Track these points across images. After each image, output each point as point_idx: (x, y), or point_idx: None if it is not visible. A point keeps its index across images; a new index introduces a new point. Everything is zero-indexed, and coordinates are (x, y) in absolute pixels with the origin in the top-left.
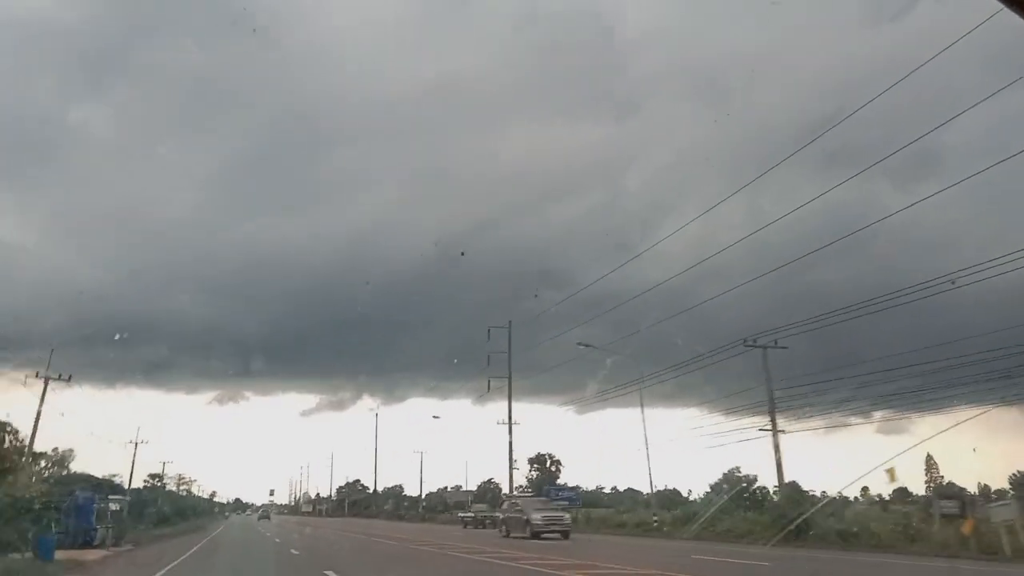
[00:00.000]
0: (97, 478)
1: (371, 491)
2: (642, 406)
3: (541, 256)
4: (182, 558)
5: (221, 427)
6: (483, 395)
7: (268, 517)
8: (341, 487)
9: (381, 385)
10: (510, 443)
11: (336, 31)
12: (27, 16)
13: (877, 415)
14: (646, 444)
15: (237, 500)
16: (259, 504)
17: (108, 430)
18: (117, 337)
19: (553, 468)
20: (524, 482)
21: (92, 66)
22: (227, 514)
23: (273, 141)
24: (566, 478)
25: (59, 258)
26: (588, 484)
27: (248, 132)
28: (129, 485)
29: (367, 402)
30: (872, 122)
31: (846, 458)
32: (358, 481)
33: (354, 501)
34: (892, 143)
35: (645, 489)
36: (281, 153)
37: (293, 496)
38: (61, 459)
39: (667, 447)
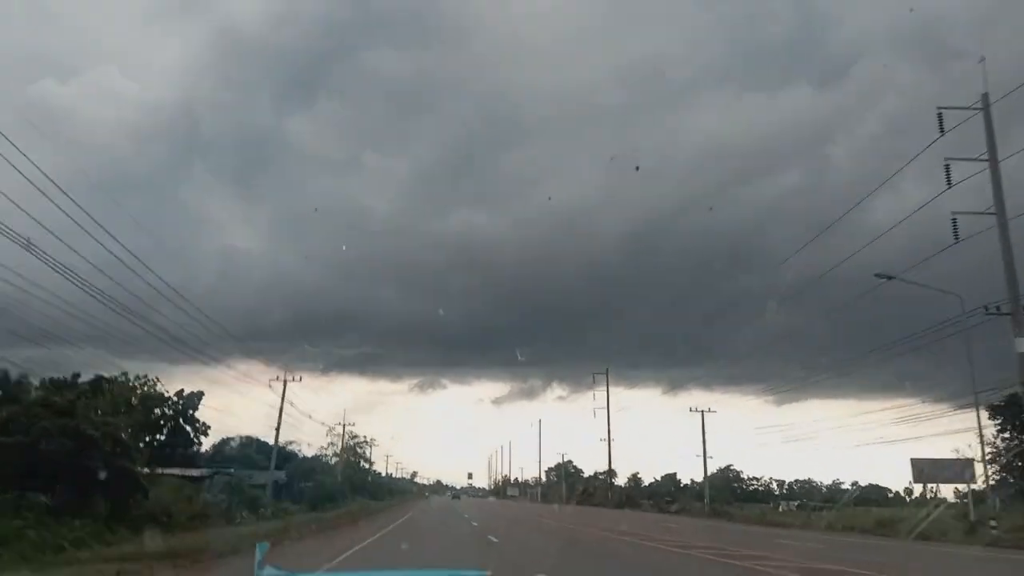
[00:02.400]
0: (262, 443)
1: (589, 475)
2: None
3: (738, 239)
4: None
5: (422, 413)
6: (675, 386)
7: (459, 498)
8: (550, 469)
9: (570, 374)
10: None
11: (522, 25)
12: (246, 39)
13: None
14: None
15: (438, 482)
16: (459, 487)
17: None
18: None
19: None
20: None
21: (303, 82)
22: (427, 494)
23: (468, 139)
24: None
25: (281, 261)
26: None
27: (443, 133)
28: (275, 449)
29: (556, 391)
30: None
31: None
32: (570, 463)
33: (586, 492)
34: None
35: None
36: (476, 150)
37: (492, 479)
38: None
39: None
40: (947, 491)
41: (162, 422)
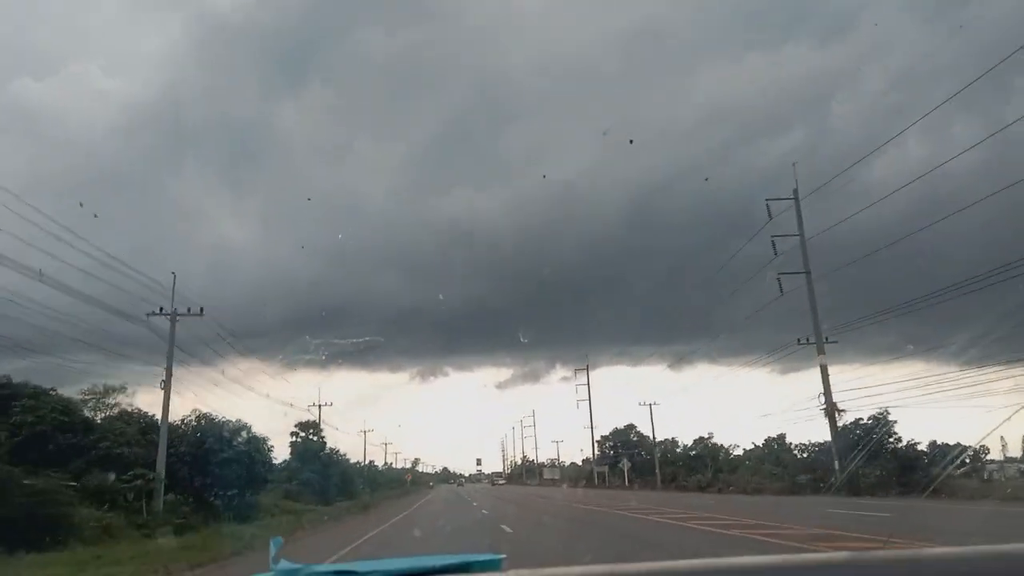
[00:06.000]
0: None
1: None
2: None
3: (739, 204)
4: None
5: (425, 402)
6: (679, 358)
7: (462, 485)
8: (604, 437)
9: (573, 354)
10: None
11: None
12: (229, 25)
13: None
14: None
15: (444, 470)
16: (467, 474)
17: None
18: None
19: None
20: None
21: (290, 68)
22: (432, 484)
23: (463, 118)
24: None
25: (275, 253)
26: None
27: (436, 113)
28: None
29: (559, 372)
30: None
31: None
32: (632, 428)
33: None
34: None
35: None
36: (470, 129)
37: (509, 463)
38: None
39: None
40: None
41: None
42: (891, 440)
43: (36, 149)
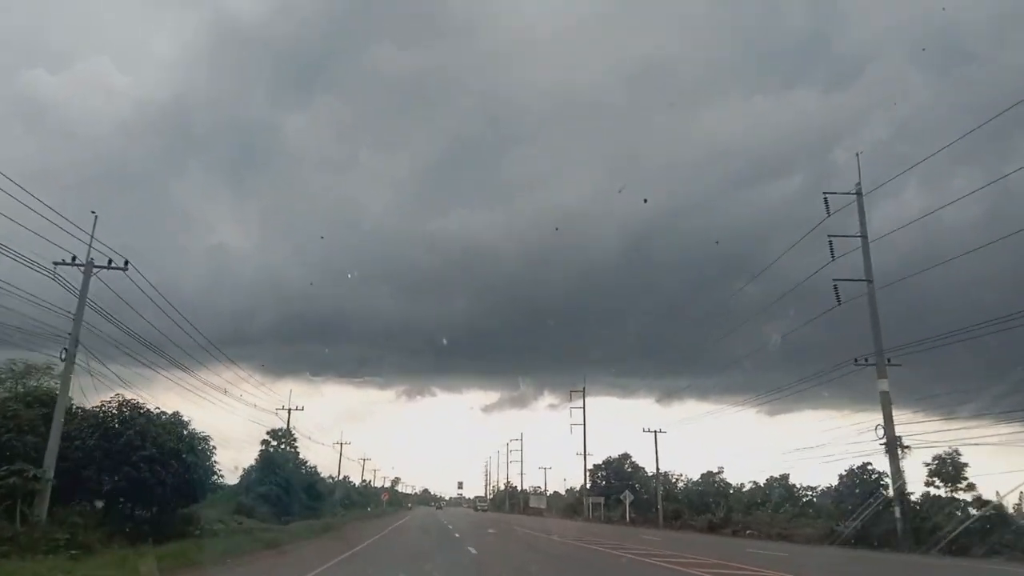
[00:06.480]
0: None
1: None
2: None
3: (736, 243)
4: None
5: (410, 421)
6: (670, 393)
7: (440, 508)
8: (597, 467)
9: (562, 382)
10: None
11: (529, 26)
12: (243, 32)
13: None
14: None
15: (425, 491)
16: (447, 497)
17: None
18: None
19: None
20: None
21: (303, 77)
22: (410, 505)
23: (466, 139)
24: None
25: (271, 260)
26: None
27: (443, 132)
28: None
29: (547, 399)
30: None
31: None
32: (627, 457)
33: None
34: None
35: None
36: (474, 151)
37: (492, 488)
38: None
39: None
40: None
41: None
42: (962, 487)
43: (44, 140)
